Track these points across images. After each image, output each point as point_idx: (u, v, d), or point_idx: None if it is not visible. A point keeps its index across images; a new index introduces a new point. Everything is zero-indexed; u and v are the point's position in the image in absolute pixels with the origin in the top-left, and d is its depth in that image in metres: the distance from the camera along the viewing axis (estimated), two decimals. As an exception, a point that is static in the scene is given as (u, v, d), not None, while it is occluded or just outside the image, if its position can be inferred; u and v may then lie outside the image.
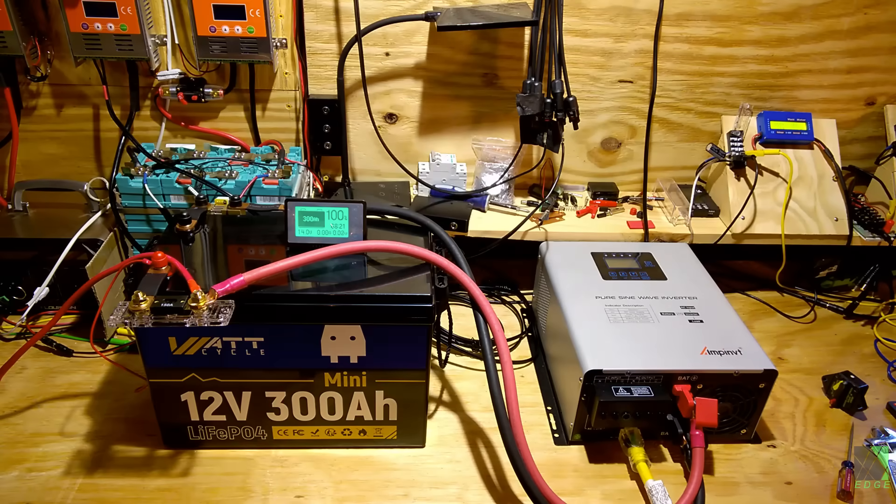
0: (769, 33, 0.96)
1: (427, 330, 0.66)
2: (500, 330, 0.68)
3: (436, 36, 0.94)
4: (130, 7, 0.83)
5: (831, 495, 0.70)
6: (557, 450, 0.75)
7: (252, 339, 0.65)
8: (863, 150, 1.08)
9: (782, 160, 0.98)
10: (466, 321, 0.82)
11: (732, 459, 0.74)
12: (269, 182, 0.88)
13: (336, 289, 0.65)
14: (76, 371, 0.83)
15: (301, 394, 0.69)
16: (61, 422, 0.75)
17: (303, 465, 0.71)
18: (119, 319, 0.57)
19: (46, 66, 0.91)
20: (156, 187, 0.88)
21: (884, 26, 0.97)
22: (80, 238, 0.85)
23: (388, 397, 0.70)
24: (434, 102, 0.99)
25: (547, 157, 1.02)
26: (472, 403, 0.81)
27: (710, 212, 1.01)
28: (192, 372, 0.67)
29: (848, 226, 0.98)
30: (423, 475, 0.71)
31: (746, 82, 1.00)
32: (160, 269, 0.62)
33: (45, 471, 0.69)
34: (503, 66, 0.97)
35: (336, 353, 0.66)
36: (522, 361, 0.89)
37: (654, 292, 0.82)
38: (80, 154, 0.99)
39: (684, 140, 1.05)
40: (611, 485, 0.70)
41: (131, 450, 0.72)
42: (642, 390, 0.70)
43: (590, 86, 0.99)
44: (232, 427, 0.71)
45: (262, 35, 0.87)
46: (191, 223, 0.73)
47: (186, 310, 0.58)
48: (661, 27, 0.94)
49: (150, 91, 0.95)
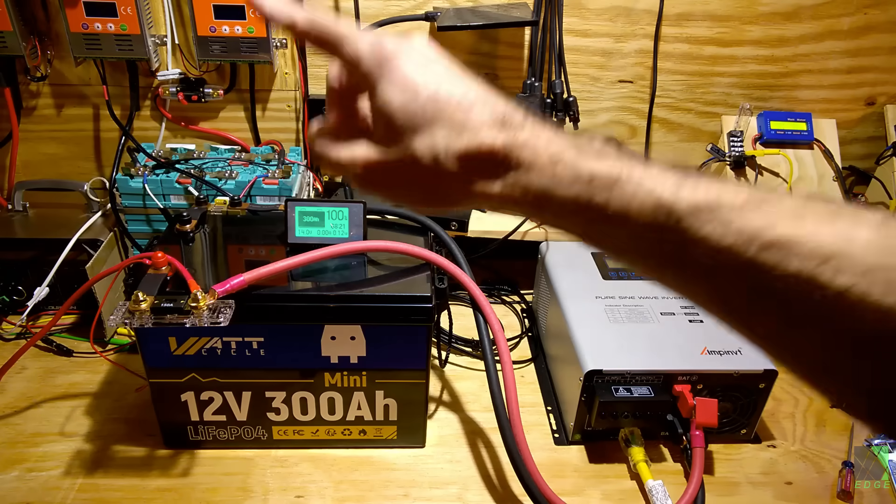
0: (769, 33, 0.96)
1: (427, 330, 0.66)
2: (500, 330, 0.68)
3: (436, 36, 0.94)
4: (130, 7, 0.83)
5: (831, 495, 0.70)
6: (557, 450, 0.75)
7: (252, 339, 0.65)
8: (863, 150, 1.08)
9: (782, 160, 0.98)
10: (466, 321, 0.82)
11: (732, 459, 0.74)
12: (269, 182, 0.88)
13: (336, 289, 0.65)
14: (76, 371, 0.83)
15: (301, 394, 0.69)
16: (61, 422, 0.75)
17: (303, 465, 0.71)
18: (119, 319, 0.57)
19: (46, 66, 0.91)
20: (156, 187, 0.88)
21: (884, 26, 0.97)
22: (80, 238, 0.85)
23: (389, 397, 0.70)
24: (434, 102, 0.99)
25: (547, 157, 1.02)
26: (472, 403, 0.81)
27: (710, 212, 1.01)
28: (192, 372, 0.67)
29: (848, 226, 0.98)
30: (423, 475, 0.71)
31: (746, 82, 1.00)
32: (160, 269, 0.62)
33: (45, 471, 0.69)
34: (503, 66, 0.97)
35: (336, 353, 0.66)
36: (522, 361, 0.89)
37: (654, 292, 0.82)
38: (80, 154, 0.99)
39: (684, 140, 1.05)
40: (611, 485, 0.70)
41: (131, 450, 0.72)
42: (642, 390, 0.70)
43: (590, 86, 0.99)
44: (232, 427, 0.71)
45: (262, 35, 0.87)
46: (191, 223, 0.73)
47: (186, 310, 0.58)
48: (662, 27, 0.95)
49: (150, 91, 0.95)
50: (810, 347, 0.28)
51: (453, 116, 0.32)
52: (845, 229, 0.26)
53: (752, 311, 0.29)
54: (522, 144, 0.32)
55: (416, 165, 0.33)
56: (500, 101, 0.33)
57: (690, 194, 0.29)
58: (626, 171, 0.30)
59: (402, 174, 0.34)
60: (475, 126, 0.32)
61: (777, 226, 0.27)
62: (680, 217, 0.29)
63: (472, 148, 0.32)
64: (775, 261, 0.27)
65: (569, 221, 0.33)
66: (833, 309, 0.26)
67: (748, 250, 0.27)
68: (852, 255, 0.26)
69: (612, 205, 0.30)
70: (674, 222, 0.29)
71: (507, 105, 0.33)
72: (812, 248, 0.26)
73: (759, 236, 0.27)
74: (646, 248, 0.31)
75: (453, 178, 0.33)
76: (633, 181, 0.30)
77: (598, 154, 0.31)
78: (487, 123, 0.32)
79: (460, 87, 0.33)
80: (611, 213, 0.30)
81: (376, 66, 0.33)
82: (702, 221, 0.28)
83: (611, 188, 0.30)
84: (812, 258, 0.26)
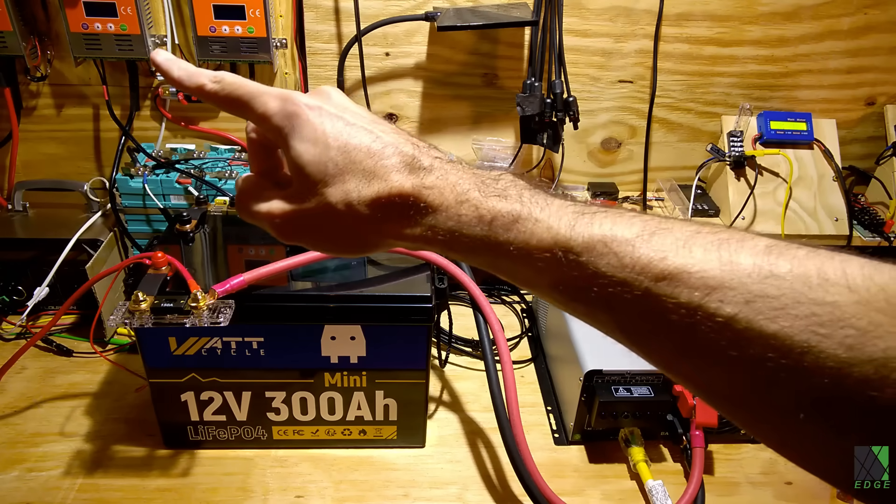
0: (769, 33, 0.96)
1: (427, 330, 0.66)
2: (500, 330, 0.68)
3: (436, 36, 0.94)
4: (130, 7, 0.83)
5: (831, 495, 0.70)
6: (557, 450, 0.75)
7: (252, 339, 0.65)
8: (863, 150, 1.08)
9: (782, 160, 0.98)
10: (466, 321, 0.82)
11: (732, 459, 0.74)
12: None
13: (336, 289, 0.65)
14: (76, 371, 0.83)
15: (301, 394, 0.69)
16: (61, 422, 0.75)
17: (303, 465, 0.71)
18: (119, 319, 0.57)
19: (46, 66, 0.91)
20: (156, 187, 0.88)
21: (884, 26, 0.97)
22: (80, 238, 0.85)
23: (388, 397, 0.70)
24: (434, 102, 0.99)
25: (547, 157, 1.02)
26: (472, 403, 0.81)
27: (710, 212, 1.01)
28: (192, 372, 0.67)
29: (848, 226, 0.98)
30: (423, 475, 0.71)
31: (746, 82, 1.00)
32: (160, 269, 0.62)
33: (45, 471, 0.69)
34: (503, 66, 0.97)
35: (336, 353, 0.66)
36: (522, 361, 0.89)
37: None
38: (80, 154, 0.99)
39: (684, 140, 1.05)
40: (611, 485, 0.70)
41: (131, 450, 0.72)
42: (642, 390, 0.70)
43: (590, 86, 0.99)
44: (232, 427, 0.71)
45: (262, 35, 0.87)
46: (191, 223, 0.73)
47: (186, 310, 0.58)
48: (661, 27, 0.94)
49: (150, 91, 0.95)
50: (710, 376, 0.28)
51: (363, 164, 0.33)
52: (729, 256, 0.27)
53: (651, 340, 0.30)
54: (430, 186, 0.33)
55: (331, 214, 0.34)
56: (409, 144, 0.34)
57: (586, 229, 0.30)
58: (526, 210, 0.31)
59: (318, 223, 0.35)
60: (384, 172, 0.33)
61: (667, 257, 0.28)
62: (577, 252, 0.30)
63: (383, 193, 0.33)
64: (666, 292, 0.27)
65: (477, 259, 0.34)
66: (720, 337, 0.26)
67: (642, 283, 0.28)
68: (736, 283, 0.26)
69: (514, 243, 0.31)
70: (572, 258, 0.30)
71: (416, 148, 0.34)
72: (699, 279, 0.27)
73: (650, 268, 0.28)
74: (550, 282, 0.32)
75: (367, 224, 0.34)
76: (532, 219, 0.31)
77: (501, 193, 0.32)
78: (397, 168, 0.33)
79: (369, 136, 0.34)
80: (513, 250, 0.32)
81: (286, 121, 0.34)
82: (596, 256, 0.29)
83: (510, 228, 0.31)
84: (699, 288, 0.27)
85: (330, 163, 0.33)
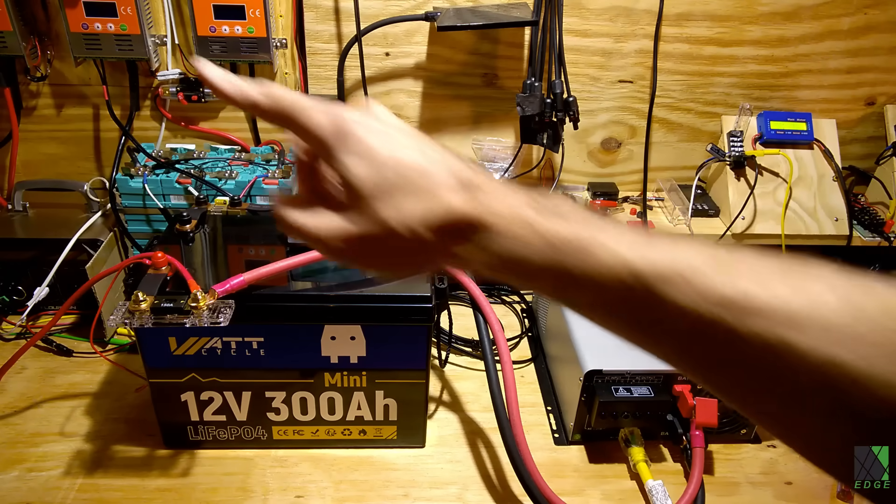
0: (769, 33, 0.96)
1: (427, 330, 0.66)
2: (500, 330, 0.68)
3: (436, 36, 0.94)
4: (130, 7, 0.83)
5: (831, 495, 0.70)
6: (557, 450, 0.75)
7: (252, 339, 0.65)
8: (863, 150, 1.08)
9: (782, 160, 0.98)
10: (466, 321, 0.82)
11: (732, 459, 0.74)
12: (269, 182, 0.88)
13: (336, 289, 0.65)
14: (76, 371, 0.83)
15: (301, 394, 0.69)
16: (61, 422, 0.75)
17: (303, 465, 0.71)
18: (119, 319, 0.57)
19: (46, 66, 0.91)
20: (156, 187, 0.88)
21: (884, 26, 0.97)
22: (80, 238, 0.85)
23: (388, 397, 0.70)
24: (434, 102, 0.99)
25: (547, 157, 1.02)
26: (472, 403, 0.81)
27: (710, 212, 1.01)
28: (192, 372, 0.67)
29: (848, 226, 0.98)
30: (423, 475, 0.71)
31: (746, 82, 1.00)
32: (160, 269, 0.62)
33: (45, 471, 0.69)
34: (503, 66, 0.97)
35: (336, 353, 0.66)
36: (522, 361, 0.89)
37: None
38: (80, 154, 0.99)
39: (684, 140, 1.05)
40: (611, 485, 0.70)
41: (131, 450, 0.72)
42: (642, 390, 0.70)
43: (590, 86, 0.99)
44: (232, 427, 0.71)
45: (262, 35, 0.87)
46: (191, 223, 0.73)
47: (186, 310, 0.58)
48: (661, 27, 0.94)
49: (150, 91, 0.95)
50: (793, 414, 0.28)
51: (417, 182, 0.32)
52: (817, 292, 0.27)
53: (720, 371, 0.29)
54: (485, 205, 0.32)
55: (394, 237, 0.33)
56: (458, 162, 0.34)
57: (658, 257, 0.29)
58: (591, 235, 0.31)
59: (377, 246, 0.34)
60: (440, 191, 0.32)
61: (746, 289, 0.27)
62: (647, 281, 0.29)
63: (440, 213, 0.32)
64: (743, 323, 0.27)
65: (538, 283, 0.33)
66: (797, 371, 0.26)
67: (714, 312, 0.27)
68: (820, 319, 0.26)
69: (581, 268, 0.31)
70: (641, 286, 0.29)
71: (464, 165, 0.33)
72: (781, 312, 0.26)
73: (727, 299, 0.27)
74: (614, 309, 0.31)
75: (426, 245, 0.33)
76: (598, 244, 0.30)
77: (559, 215, 0.32)
78: (452, 187, 0.32)
79: (418, 153, 0.33)
80: (578, 275, 0.31)
81: (335, 136, 0.33)
82: (669, 285, 0.29)
83: (577, 253, 0.31)
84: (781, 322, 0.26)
85: (380, 178, 0.32)
